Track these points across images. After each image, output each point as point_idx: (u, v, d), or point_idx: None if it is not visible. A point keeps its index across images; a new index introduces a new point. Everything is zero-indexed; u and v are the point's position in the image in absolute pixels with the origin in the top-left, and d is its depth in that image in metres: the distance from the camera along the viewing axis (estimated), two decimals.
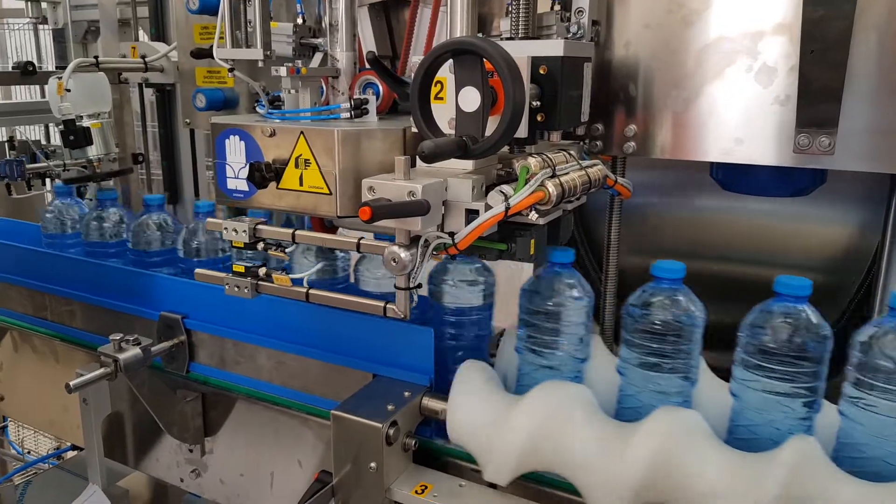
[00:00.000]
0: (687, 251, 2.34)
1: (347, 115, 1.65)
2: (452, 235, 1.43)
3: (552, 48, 1.49)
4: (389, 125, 1.61)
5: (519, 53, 1.37)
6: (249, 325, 1.98)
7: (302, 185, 1.57)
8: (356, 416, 1.59)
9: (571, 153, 1.58)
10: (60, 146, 3.11)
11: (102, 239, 2.48)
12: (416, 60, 1.41)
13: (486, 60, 1.31)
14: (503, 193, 1.37)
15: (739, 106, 1.65)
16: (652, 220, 2.33)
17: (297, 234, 1.67)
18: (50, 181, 3.15)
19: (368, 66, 1.70)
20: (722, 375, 1.62)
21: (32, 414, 2.78)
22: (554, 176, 1.43)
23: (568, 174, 1.48)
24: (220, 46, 1.70)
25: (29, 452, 5.48)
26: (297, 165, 1.56)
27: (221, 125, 1.64)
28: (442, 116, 1.43)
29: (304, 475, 1.95)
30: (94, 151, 3.04)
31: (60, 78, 2.87)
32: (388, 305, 1.58)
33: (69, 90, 2.86)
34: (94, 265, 2.31)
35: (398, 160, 1.38)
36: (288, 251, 1.69)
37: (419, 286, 1.54)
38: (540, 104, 1.48)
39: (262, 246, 1.67)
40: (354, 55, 1.73)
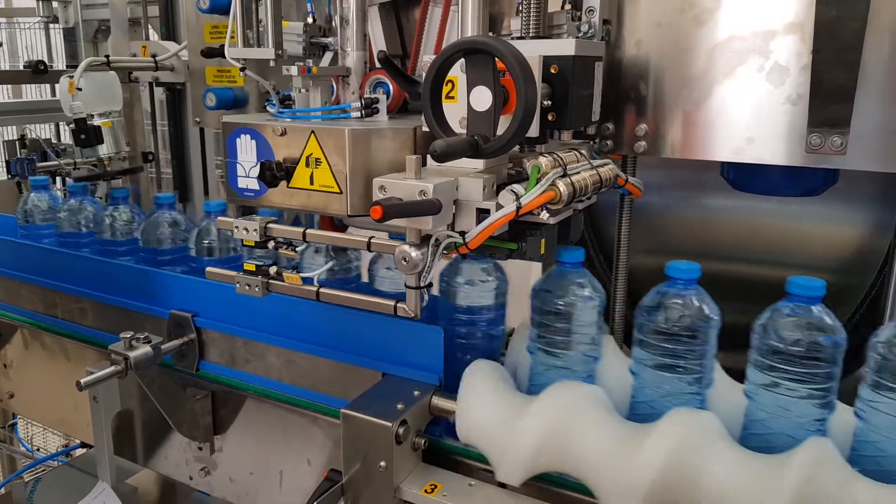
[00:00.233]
0: (697, 251, 2.33)
1: (358, 114, 1.65)
2: (463, 235, 1.43)
3: (563, 47, 1.48)
4: (400, 124, 1.61)
5: (530, 53, 1.37)
6: (259, 323, 1.98)
7: (312, 183, 1.57)
8: (366, 414, 1.59)
9: (582, 152, 1.58)
10: (71, 145, 3.13)
11: (115, 237, 2.47)
12: (427, 60, 1.41)
13: (497, 60, 1.31)
14: (514, 193, 1.37)
15: (751, 105, 1.65)
16: (662, 219, 2.33)
17: (307, 232, 1.67)
18: (61, 180, 3.16)
19: (379, 65, 1.70)
20: (732, 375, 1.62)
21: (42, 411, 2.79)
22: (565, 175, 1.43)
23: (579, 173, 1.48)
24: (231, 46, 1.71)
25: (38, 449, 5.49)
26: (307, 164, 1.56)
27: (233, 124, 1.64)
28: (453, 116, 1.43)
29: (313, 474, 1.95)
30: (104, 150, 3.05)
31: (72, 77, 2.88)
32: (398, 304, 1.58)
33: (80, 89, 2.87)
34: (104, 263, 2.32)
35: (409, 159, 1.38)
36: (298, 250, 1.69)
37: (430, 285, 1.54)
38: (551, 103, 1.48)
39: (272, 244, 1.67)
40: (365, 54, 1.73)
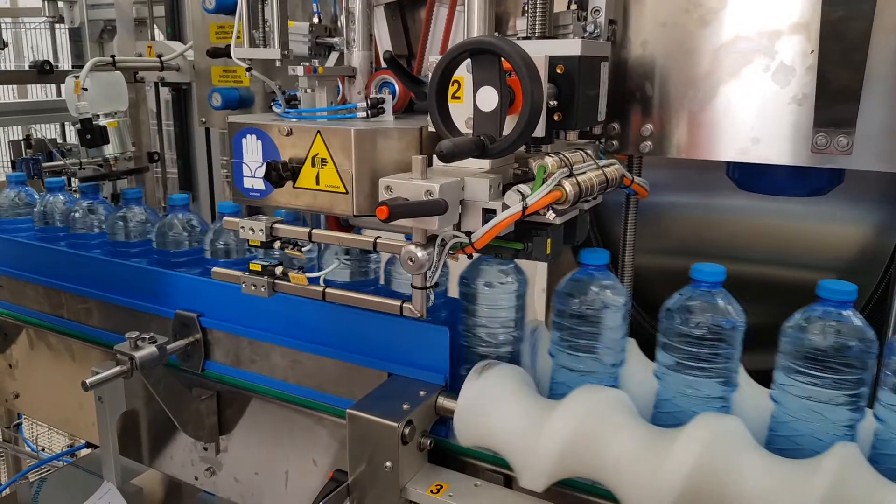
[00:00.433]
0: (702, 251, 2.34)
1: (364, 114, 1.65)
2: (469, 235, 1.43)
3: (569, 47, 1.48)
4: (406, 124, 1.61)
5: (536, 53, 1.37)
6: (265, 323, 1.98)
7: (318, 184, 1.57)
8: (372, 415, 1.59)
9: (588, 152, 1.58)
10: (76, 144, 3.13)
11: (128, 238, 2.45)
12: (433, 60, 1.41)
13: (504, 60, 1.31)
14: (520, 193, 1.37)
15: (756, 105, 1.65)
16: (667, 219, 2.33)
17: (313, 232, 1.67)
18: (67, 180, 3.17)
19: (385, 65, 1.70)
20: None
21: (47, 411, 2.79)
22: (571, 175, 1.43)
23: (585, 173, 1.48)
24: (237, 46, 1.71)
25: (43, 450, 5.50)
26: (313, 164, 1.56)
27: (238, 124, 1.64)
28: (459, 116, 1.43)
29: (318, 474, 1.95)
30: (110, 150, 3.06)
31: (77, 77, 2.89)
32: (404, 304, 1.58)
33: (86, 89, 2.88)
34: (110, 263, 2.32)
35: (415, 159, 1.38)
36: (306, 250, 1.69)
37: (436, 286, 1.54)
38: (557, 103, 1.48)
39: (278, 245, 1.68)
40: (370, 54, 1.73)
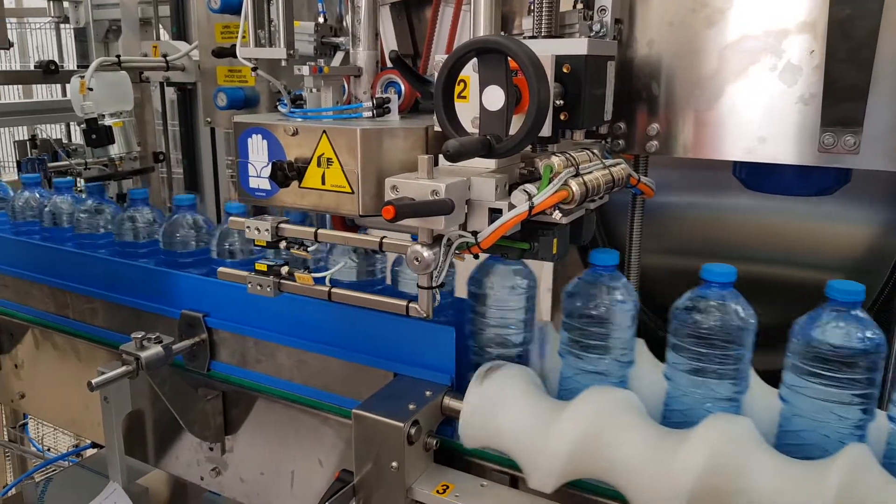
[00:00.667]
0: (708, 250, 2.33)
1: (369, 113, 1.65)
2: (475, 234, 1.42)
3: (576, 47, 1.48)
4: (411, 124, 1.61)
5: (542, 52, 1.36)
6: (270, 323, 1.98)
7: (324, 183, 1.57)
8: (378, 415, 1.59)
9: (595, 152, 1.57)
10: (82, 144, 3.14)
11: (136, 239, 2.44)
12: (439, 59, 1.41)
13: (510, 59, 1.30)
14: (527, 192, 1.37)
15: (763, 105, 1.64)
16: (673, 219, 2.32)
17: (319, 232, 1.67)
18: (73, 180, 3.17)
19: (391, 64, 1.70)
20: None
21: (53, 411, 2.80)
22: (577, 175, 1.42)
23: (591, 173, 1.47)
24: (243, 45, 1.71)
25: (49, 450, 5.51)
26: (319, 164, 1.56)
27: (244, 124, 1.64)
28: (465, 115, 1.42)
29: (324, 474, 1.95)
30: (115, 150, 3.06)
31: (83, 77, 2.90)
32: (410, 304, 1.58)
33: (91, 89, 2.89)
34: (115, 263, 2.32)
35: (421, 159, 1.38)
36: (312, 249, 1.69)
37: (442, 285, 1.54)
38: (563, 103, 1.48)
39: (284, 244, 1.67)
40: (376, 54, 1.73)
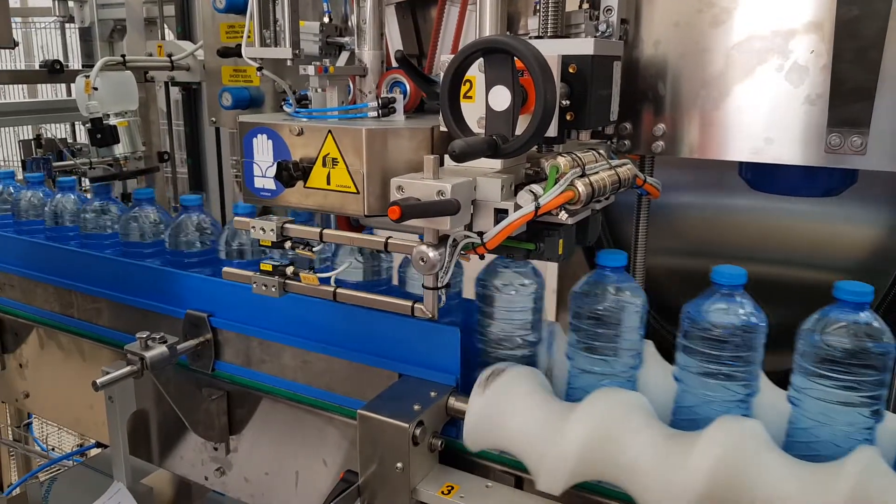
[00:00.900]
0: (713, 251, 2.33)
1: (375, 113, 1.64)
2: (481, 235, 1.42)
3: (582, 47, 1.48)
4: (417, 124, 1.60)
5: (548, 52, 1.36)
6: (275, 323, 1.98)
7: (329, 183, 1.56)
8: (382, 415, 1.58)
9: (600, 152, 1.57)
10: (87, 144, 3.13)
11: (143, 239, 2.42)
12: (445, 59, 1.41)
13: (516, 59, 1.30)
14: (533, 193, 1.36)
15: (769, 105, 1.64)
16: (678, 219, 2.32)
17: (324, 232, 1.67)
18: (77, 180, 3.17)
19: (397, 64, 1.69)
20: None
21: (58, 411, 2.80)
22: (583, 175, 1.42)
23: (597, 173, 1.47)
24: (248, 45, 1.70)
25: (53, 449, 5.53)
26: (324, 164, 1.56)
27: (249, 124, 1.64)
28: (471, 115, 1.42)
29: (329, 474, 1.95)
30: (120, 150, 3.06)
31: (88, 76, 2.90)
32: (415, 305, 1.58)
33: (96, 89, 2.89)
34: (120, 263, 2.32)
35: (427, 159, 1.38)
36: (317, 249, 1.69)
37: (448, 286, 1.53)
38: (569, 103, 1.47)
39: (289, 245, 1.67)
40: (381, 54, 1.73)
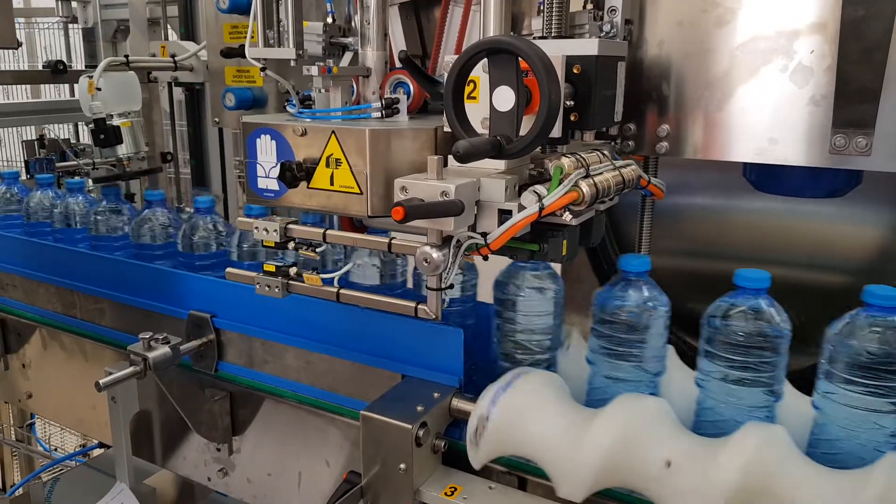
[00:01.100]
0: (717, 252, 2.32)
1: (378, 114, 1.64)
2: (485, 236, 1.42)
3: (586, 47, 1.47)
4: (420, 124, 1.60)
5: (553, 53, 1.36)
6: (278, 324, 1.97)
7: (333, 184, 1.56)
8: (385, 416, 1.58)
9: (605, 153, 1.57)
10: (90, 144, 3.14)
11: (154, 241, 2.42)
12: (449, 60, 1.40)
13: (521, 60, 1.30)
14: (537, 194, 1.36)
15: (774, 106, 1.63)
16: (682, 220, 2.31)
17: (327, 233, 1.66)
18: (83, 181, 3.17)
19: (401, 65, 1.69)
20: None
21: (60, 411, 2.80)
22: (588, 176, 1.42)
23: (602, 174, 1.46)
24: (252, 45, 1.70)
25: (56, 449, 5.53)
26: (328, 165, 1.55)
27: (253, 124, 1.64)
28: (475, 116, 1.42)
29: (331, 475, 1.95)
30: (123, 150, 3.06)
31: (91, 77, 2.90)
32: (419, 306, 1.58)
33: (100, 89, 2.89)
34: (123, 264, 2.32)
35: (431, 160, 1.37)
36: (319, 251, 1.69)
37: (451, 287, 1.53)
38: (573, 104, 1.47)
39: (292, 245, 1.67)
40: (385, 54, 1.72)
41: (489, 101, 1.35)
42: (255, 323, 2.01)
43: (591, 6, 1.67)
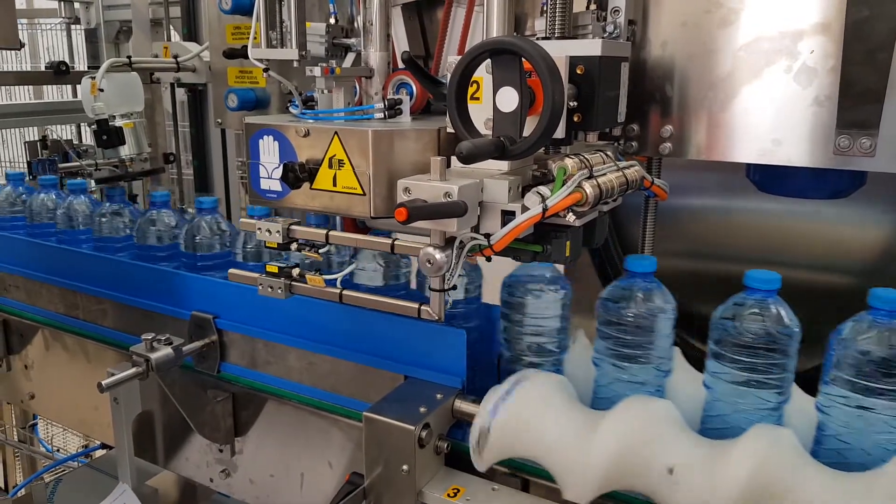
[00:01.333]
0: (720, 253, 2.32)
1: (381, 115, 1.64)
2: (488, 237, 1.41)
3: (589, 48, 1.47)
4: (423, 125, 1.60)
5: (556, 53, 1.35)
6: (280, 325, 1.97)
7: (335, 185, 1.56)
8: (388, 418, 1.58)
9: (608, 154, 1.56)
10: (92, 145, 3.14)
11: (160, 242, 2.40)
12: (452, 60, 1.40)
13: (524, 60, 1.29)
14: (540, 195, 1.36)
15: (777, 106, 1.63)
16: (685, 221, 2.31)
17: (330, 234, 1.66)
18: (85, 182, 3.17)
19: (404, 66, 1.69)
20: None
21: (63, 412, 2.80)
22: (591, 177, 1.41)
23: (605, 175, 1.46)
24: (254, 46, 1.70)
25: (58, 450, 5.53)
26: (330, 166, 1.55)
27: (255, 125, 1.63)
28: (478, 117, 1.41)
29: (334, 476, 1.94)
30: (126, 151, 3.06)
31: (94, 78, 2.90)
32: (422, 307, 1.57)
33: (102, 90, 2.89)
34: (125, 265, 2.32)
35: (434, 161, 1.37)
36: (322, 252, 1.69)
37: (454, 288, 1.53)
38: (577, 104, 1.46)
39: (295, 247, 1.67)
40: (388, 55, 1.72)
41: (492, 101, 1.35)
42: (257, 324, 2.01)
43: (594, 7, 1.67)
